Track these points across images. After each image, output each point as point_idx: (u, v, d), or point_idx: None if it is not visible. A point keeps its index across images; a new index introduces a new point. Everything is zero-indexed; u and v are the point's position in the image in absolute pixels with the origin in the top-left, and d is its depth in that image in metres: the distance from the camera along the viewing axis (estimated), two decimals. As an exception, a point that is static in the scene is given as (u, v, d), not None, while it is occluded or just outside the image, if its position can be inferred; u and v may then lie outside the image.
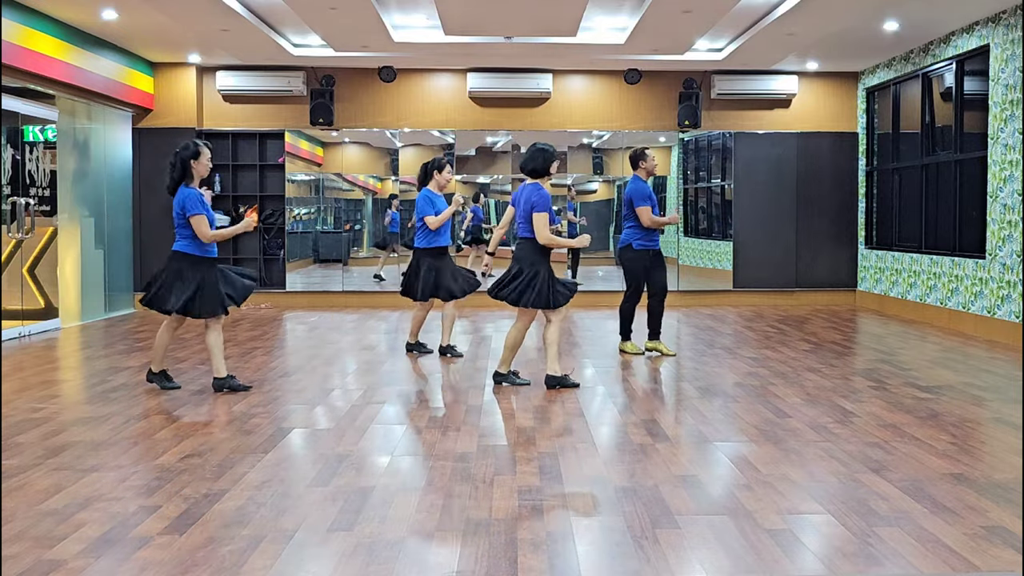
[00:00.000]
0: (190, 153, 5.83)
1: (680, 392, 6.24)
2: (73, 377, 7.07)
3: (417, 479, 4.11)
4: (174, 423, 5.16)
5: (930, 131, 10.29)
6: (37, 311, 9.23)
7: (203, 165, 5.89)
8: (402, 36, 10.05)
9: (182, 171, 5.84)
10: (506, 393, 6.08)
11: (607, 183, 12.43)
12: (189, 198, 5.78)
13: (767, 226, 12.05)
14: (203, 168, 5.90)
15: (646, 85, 11.88)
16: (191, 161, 5.84)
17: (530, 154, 6.11)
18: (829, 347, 8.15)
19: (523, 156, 6.18)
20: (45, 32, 8.85)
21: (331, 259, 12.35)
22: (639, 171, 7.42)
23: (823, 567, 3.09)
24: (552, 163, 6.10)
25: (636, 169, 7.43)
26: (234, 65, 11.50)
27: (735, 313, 11.02)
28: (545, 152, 6.10)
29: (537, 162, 6.08)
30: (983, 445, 4.76)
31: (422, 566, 3.08)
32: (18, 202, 8.84)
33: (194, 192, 5.82)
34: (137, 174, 11.50)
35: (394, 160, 12.05)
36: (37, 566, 3.06)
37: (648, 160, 7.39)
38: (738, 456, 4.48)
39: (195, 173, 5.87)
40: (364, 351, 8.05)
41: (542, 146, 6.14)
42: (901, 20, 9.09)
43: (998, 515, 3.60)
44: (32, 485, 3.97)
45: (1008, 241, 8.51)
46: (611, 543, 3.30)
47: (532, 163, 6.09)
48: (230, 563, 3.10)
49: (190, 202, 5.77)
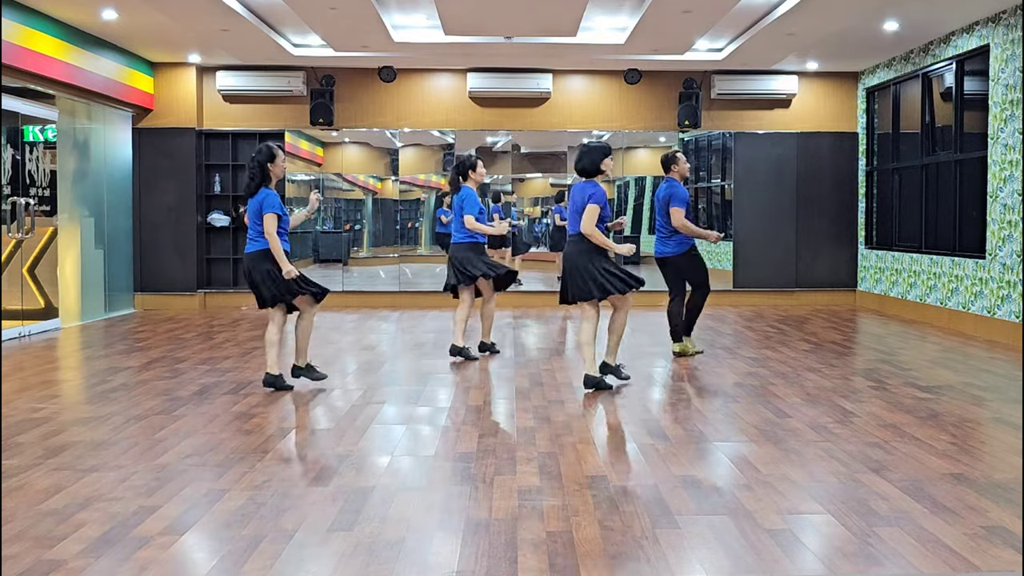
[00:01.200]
0: (265, 156, 5.97)
1: (680, 392, 6.24)
2: (73, 377, 7.07)
3: (417, 479, 4.11)
4: (174, 423, 5.16)
5: (930, 131, 10.29)
6: (37, 311, 9.23)
7: (279, 167, 6.05)
8: (402, 36, 10.05)
9: (261, 175, 5.96)
10: (507, 393, 6.08)
11: (607, 183, 12.42)
12: (268, 196, 5.90)
13: (767, 226, 12.05)
14: (279, 170, 6.06)
15: (646, 85, 11.88)
16: (268, 164, 5.97)
17: (578, 153, 6.08)
18: (829, 347, 8.15)
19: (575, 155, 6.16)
20: (45, 32, 8.85)
21: (331, 259, 12.34)
22: (672, 174, 7.34)
23: (823, 567, 3.09)
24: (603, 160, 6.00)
25: (669, 172, 7.36)
26: (234, 65, 11.50)
27: (735, 313, 11.02)
28: (592, 151, 6.02)
29: (584, 161, 6.03)
30: (983, 445, 4.76)
31: (422, 566, 3.08)
32: (18, 202, 8.84)
33: (275, 193, 5.96)
34: (137, 174, 11.51)
35: (394, 160, 12.05)
36: (37, 566, 3.06)
37: (680, 163, 7.33)
38: (738, 456, 4.48)
39: (272, 175, 6.02)
40: (364, 351, 8.05)
41: (593, 144, 6.08)
42: (901, 20, 9.09)
43: (998, 515, 3.60)
44: (32, 485, 3.97)
45: (1008, 241, 8.51)
46: (611, 543, 3.30)
47: (580, 162, 6.05)
48: (230, 563, 3.10)
49: (268, 199, 5.89)
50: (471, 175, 7.39)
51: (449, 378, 6.66)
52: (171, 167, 11.52)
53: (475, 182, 7.42)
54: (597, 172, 6.04)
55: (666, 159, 7.40)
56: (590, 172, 6.04)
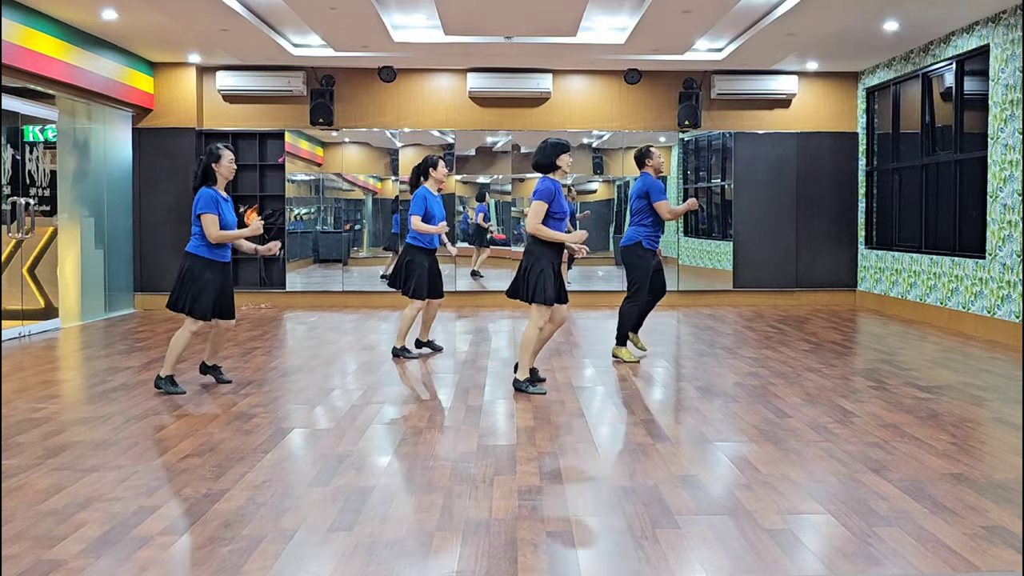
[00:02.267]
0: (212, 157, 5.92)
1: (680, 392, 6.24)
2: (73, 377, 7.07)
3: (417, 479, 4.11)
4: (174, 423, 5.16)
5: (930, 131, 10.29)
6: (37, 311, 9.23)
7: (225, 167, 5.96)
8: (402, 36, 10.05)
9: (203, 175, 5.92)
10: (506, 393, 6.07)
11: (607, 183, 12.43)
12: (202, 197, 5.84)
13: (767, 226, 12.05)
14: (226, 170, 5.97)
15: (646, 85, 11.88)
16: (212, 165, 5.91)
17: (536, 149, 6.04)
18: (829, 347, 8.15)
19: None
20: (45, 32, 8.85)
21: (331, 259, 12.35)
22: (647, 168, 7.23)
23: (823, 567, 3.09)
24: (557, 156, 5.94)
25: (643, 167, 7.26)
26: (234, 65, 11.51)
27: (735, 313, 11.02)
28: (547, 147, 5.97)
29: (538, 156, 5.99)
30: (983, 445, 4.76)
31: (422, 566, 3.08)
32: (18, 202, 8.84)
33: (209, 191, 5.86)
34: (137, 174, 11.51)
35: (394, 160, 12.05)
36: (37, 566, 3.06)
37: (654, 157, 7.22)
38: (738, 456, 4.48)
39: (218, 176, 5.94)
40: (364, 351, 8.05)
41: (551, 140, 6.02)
42: (901, 20, 9.09)
43: (998, 515, 3.60)
44: (32, 485, 3.97)
45: (1008, 241, 8.51)
46: (611, 543, 3.30)
47: (535, 158, 6.02)
48: (230, 563, 3.10)
49: (202, 200, 5.82)
50: (432, 173, 7.39)
51: (449, 378, 6.66)
52: (171, 167, 11.52)
53: (436, 181, 7.41)
54: (552, 168, 5.97)
55: (639, 154, 7.27)
56: (545, 168, 5.98)
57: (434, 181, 7.41)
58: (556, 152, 5.96)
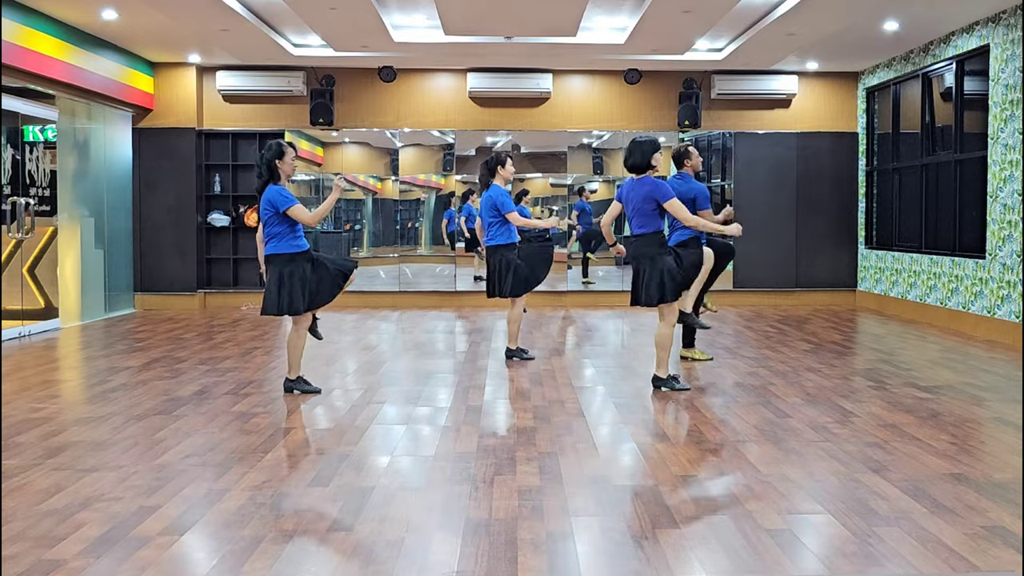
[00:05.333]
0: (274, 153, 5.85)
1: (680, 392, 6.24)
2: (73, 377, 7.07)
3: (417, 479, 4.11)
4: (174, 423, 5.16)
5: (930, 131, 10.29)
6: (37, 311, 9.23)
7: (288, 164, 5.91)
8: (402, 36, 10.05)
9: (269, 173, 5.85)
10: (506, 393, 6.08)
11: (607, 183, 12.43)
12: (276, 194, 5.77)
13: (767, 226, 12.04)
14: (288, 167, 5.92)
15: (646, 85, 11.88)
16: (276, 161, 5.85)
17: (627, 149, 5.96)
18: (829, 347, 8.15)
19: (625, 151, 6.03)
20: (45, 32, 8.85)
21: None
22: (686, 168, 6.86)
23: (823, 567, 3.09)
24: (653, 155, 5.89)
25: (681, 167, 6.90)
26: (234, 65, 11.50)
27: (735, 313, 11.02)
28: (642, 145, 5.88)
29: (635, 157, 5.91)
30: (983, 445, 4.76)
31: (422, 566, 3.08)
32: (18, 202, 8.84)
33: (276, 187, 5.82)
34: (137, 174, 11.51)
35: (394, 160, 12.04)
36: (37, 566, 3.06)
37: (693, 157, 6.88)
38: (738, 456, 4.48)
39: (282, 172, 5.90)
40: (364, 351, 8.05)
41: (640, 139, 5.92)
42: (901, 20, 9.09)
43: (998, 515, 3.60)
44: (32, 485, 3.97)
45: (1008, 241, 8.51)
46: (611, 543, 3.30)
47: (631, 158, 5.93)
48: (230, 563, 3.10)
49: (279, 197, 5.76)
50: (499, 171, 7.29)
51: (449, 378, 6.66)
52: (171, 167, 11.52)
53: (503, 179, 7.33)
54: (649, 167, 5.93)
55: (677, 153, 6.96)
56: (642, 168, 5.92)
57: (502, 179, 7.34)
58: (653, 150, 5.90)
